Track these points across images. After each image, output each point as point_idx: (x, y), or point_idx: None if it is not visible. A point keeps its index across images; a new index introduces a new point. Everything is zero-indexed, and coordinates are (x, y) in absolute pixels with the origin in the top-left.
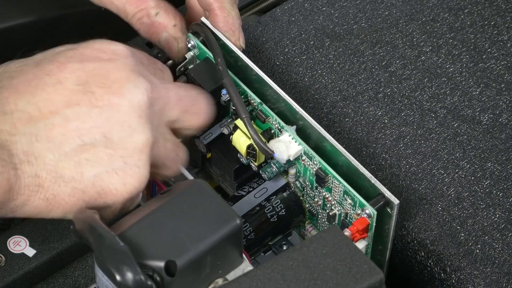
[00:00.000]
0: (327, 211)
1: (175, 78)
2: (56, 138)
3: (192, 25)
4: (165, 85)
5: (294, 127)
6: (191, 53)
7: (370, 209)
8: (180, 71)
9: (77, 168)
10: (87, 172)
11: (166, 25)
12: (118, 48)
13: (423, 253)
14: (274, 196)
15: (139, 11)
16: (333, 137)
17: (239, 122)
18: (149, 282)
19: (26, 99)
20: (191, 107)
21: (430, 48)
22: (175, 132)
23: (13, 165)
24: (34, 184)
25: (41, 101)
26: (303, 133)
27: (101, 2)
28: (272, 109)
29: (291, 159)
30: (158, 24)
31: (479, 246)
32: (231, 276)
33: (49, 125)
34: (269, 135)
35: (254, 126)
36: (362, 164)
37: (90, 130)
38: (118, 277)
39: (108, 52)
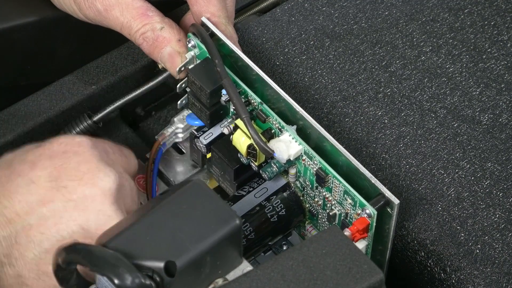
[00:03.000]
0: (327, 211)
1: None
2: (35, 237)
3: (191, 26)
4: (125, 176)
5: (295, 127)
6: (192, 53)
7: (370, 209)
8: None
9: None
10: None
11: (170, 39)
12: (82, 140)
13: (423, 253)
14: (274, 196)
15: (144, 26)
16: (333, 137)
17: (239, 122)
18: (149, 282)
19: (3, 204)
20: (134, 198)
21: (430, 48)
22: None
23: None
24: (18, 283)
25: (17, 203)
26: (303, 133)
27: (104, 20)
28: (273, 109)
29: (292, 159)
30: (162, 39)
31: (479, 246)
32: (231, 276)
33: (27, 226)
34: (270, 135)
35: (255, 126)
36: (362, 164)
37: (68, 224)
38: (116, 281)
39: (74, 145)
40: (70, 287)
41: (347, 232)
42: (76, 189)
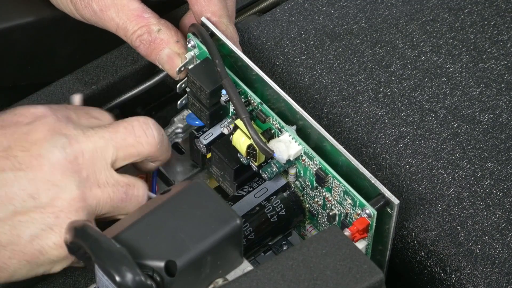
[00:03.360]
0: (327, 211)
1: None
2: None
3: (191, 26)
4: (89, 133)
5: (294, 127)
6: (191, 53)
7: (370, 209)
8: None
9: (13, 231)
10: (23, 233)
11: (168, 41)
12: (37, 110)
13: (423, 253)
14: (274, 196)
15: (140, 28)
16: (333, 137)
17: (239, 122)
18: (149, 282)
19: None
20: (127, 141)
21: (430, 48)
22: (138, 167)
23: None
24: None
25: None
26: (303, 133)
27: (100, 20)
28: (272, 109)
29: (291, 159)
30: (159, 41)
31: (479, 246)
32: (231, 276)
33: None
34: (269, 135)
35: (254, 126)
36: (362, 164)
37: (18, 193)
38: (117, 278)
39: (28, 115)
40: (79, 256)
41: (347, 232)
42: (24, 159)
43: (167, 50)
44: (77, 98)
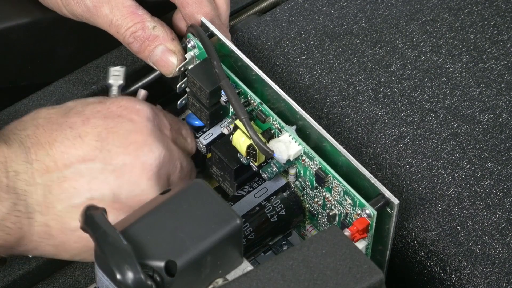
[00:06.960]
0: (327, 211)
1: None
2: (67, 190)
3: (189, 27)
4: (176, 154)
5: (294, 127)
6: (191, 53)
7: (370, 209)
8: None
9: None
10: None
11: (164, 38)
12: (142, 108)
13: (423, 253)
14: (274, 196)
15: (134, 25)
16: (333, 137)
17: (239, 122)
18: (149, 282)
19: (45, 151)
20: (186, 176)
21: (430, 48)
22: None
23: (27, 214)
24: (44, 232)
25: (58, 153)
26: (303, 133)
27: (92, 16)
28: (272, 109)
29: (291, 159)
30: (154, 38)
31: (479, 246)
32: (231, 276)
33: (61, 178)
34: (269, 135)
35: (254, 126)
36: (362, 164)
37: (100, 186)
38: (118, 276)
39: (132, 111)
40: None
41: (347, 232)
42: (118, 155)
43: (162, 47)
44: (142, 93)
